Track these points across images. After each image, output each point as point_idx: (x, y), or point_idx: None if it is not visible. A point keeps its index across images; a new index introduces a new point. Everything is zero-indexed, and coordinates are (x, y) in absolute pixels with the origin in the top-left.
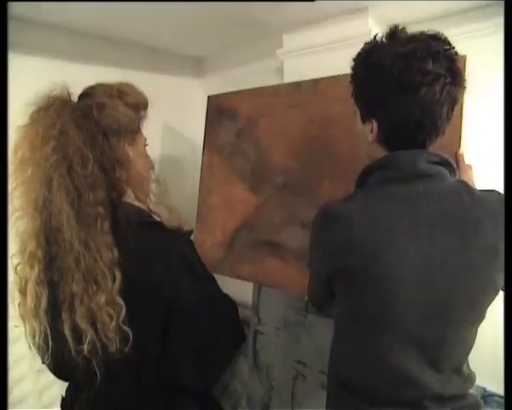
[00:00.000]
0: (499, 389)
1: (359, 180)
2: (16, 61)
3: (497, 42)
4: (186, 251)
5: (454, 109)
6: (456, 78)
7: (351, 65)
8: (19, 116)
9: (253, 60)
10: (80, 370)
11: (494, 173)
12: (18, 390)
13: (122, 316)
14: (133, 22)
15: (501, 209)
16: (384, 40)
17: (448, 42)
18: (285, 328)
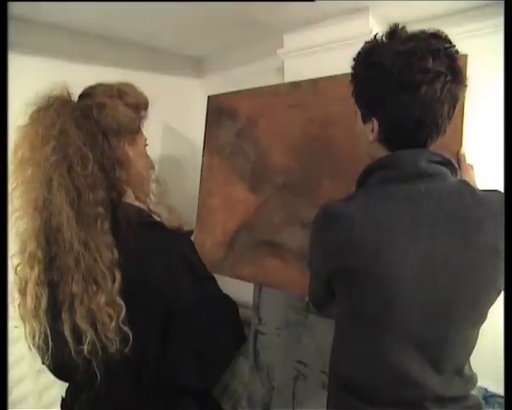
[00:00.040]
0: (501, 390)
1: (360, 180)
2: (16, 61)
3: (497, 41)
4: (186, 251)
5: (455, 108)
6: (456, 76)
7: (351, 64)
8: (19, 116)
9: (254, 60)
10: (80, 370)
11: (494, 173)
12: (18, 391)
13: (122, 316)
14: (133, 22)
15: (502, 209)
16: (384, 39)
17: (448, 40)
18: (286, 328)
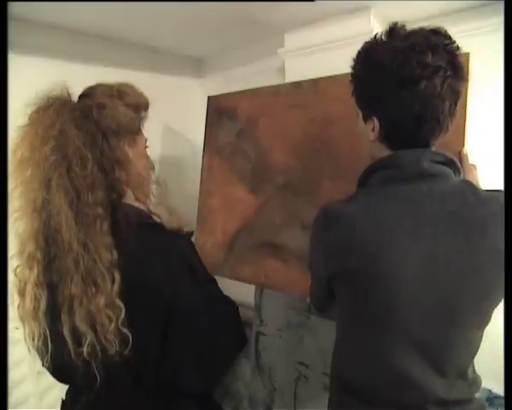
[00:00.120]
0: None
1: (361, 180)
2: (16, 61)
3: (497, 40)
4: (186, 253)
5: (457, 104)
6: (457, 71)
7: (351, 64)
8: (18, 116)
9: (254, 60)
10: (80, 372)
11: (494, 173)
12: (18, 392)
13: (121, 318)
14: (133, 22)
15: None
16: (383, 38)
17: (449, 36)
18: (287, 329)
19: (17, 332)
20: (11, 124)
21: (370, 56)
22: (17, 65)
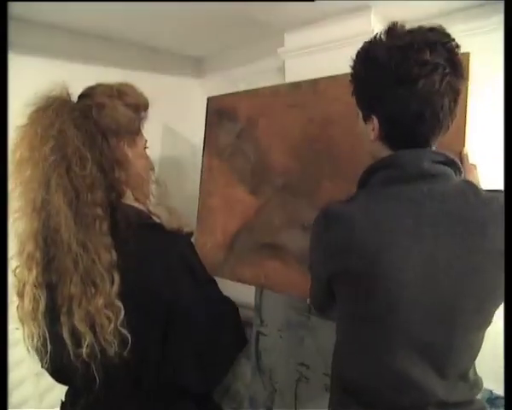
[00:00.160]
0: None
1: (361, 180)
2: (16, 61)
3: (498, 40)
4: (186, 253)
5: (457, 102)
6: (456, 68)
7: (350, 64)
8: (18, 116)
9: (254, 59)
10: (79, 374)
11: (494, 172)
12: (18, 393)
13: (120, 319)
14: (133, 22)
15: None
16: (382, 37)
17: (447, 34)
18: (288, 329)
19: (17, 333)
20: (11, 124)
21: (369, 56)
22: (17, 65)
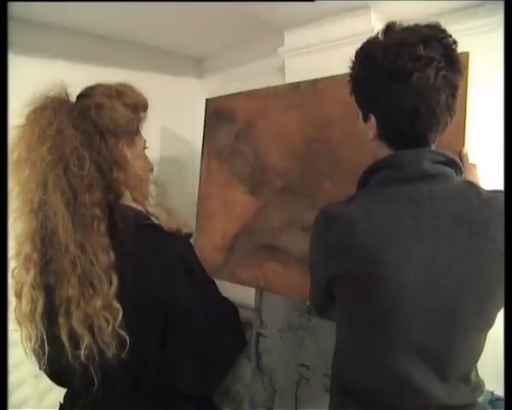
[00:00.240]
0: None
1: (361, 181)
2: (16, 61)
3: (497, 38)
4: (185, 254)
5: (455, 98)
6: (452, 63)
7: (349, 64)
8: (18, 116)
9: (254, 59)
10: (77, 376)
11: (494, 170)
12: (18, 394)
13: (119, 320)
14: (132, 22)
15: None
16: (379, 36)
17: (443, 30)
18: (288, 331)
19: (16, 334)
20: (11, 124)
21: (365, 55)
22: (17, 65)
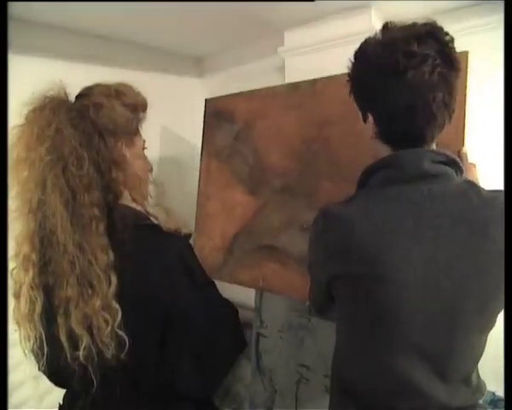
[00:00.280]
0: None
1: (361, 181)
2: (16, 61)
3: (497, 38)
4: (184, 254)
5: (452, 95)
6: (449, 60)
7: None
8: (17, 116)
9: (254, 58)
10: (76, 376)
11: (494, 169)
12: (18, 394)
13: (118, 321)
14: (132, 22)
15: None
16: (377, 35)
17: (440, 28)
18: (288, 331)
19: (17, 334)
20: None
21: (361, 54)
22: (17, 65)
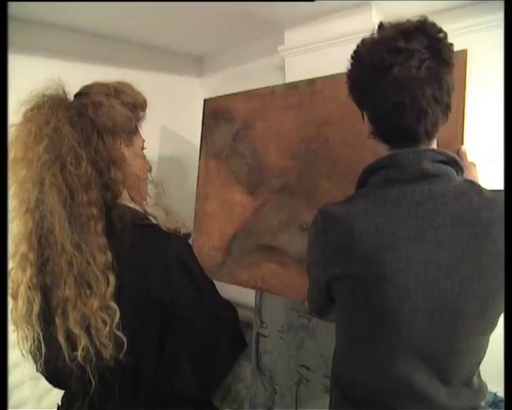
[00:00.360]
0: None
1: (360, 181)
2: (15, 61)
3: (498, 37)
4: (183, 254)
5: (443, 90)
6: (438, 55)
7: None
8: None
9: (254, 58)
10: (74, 377)
11: (494, 169)
12: (18, 395)
13: (116, 321)
14: (132, 21)
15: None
16: (374, 34)
17: (431, 23)
18: (288, 331)
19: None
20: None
21: (355, 53)
22: (16, 64)
